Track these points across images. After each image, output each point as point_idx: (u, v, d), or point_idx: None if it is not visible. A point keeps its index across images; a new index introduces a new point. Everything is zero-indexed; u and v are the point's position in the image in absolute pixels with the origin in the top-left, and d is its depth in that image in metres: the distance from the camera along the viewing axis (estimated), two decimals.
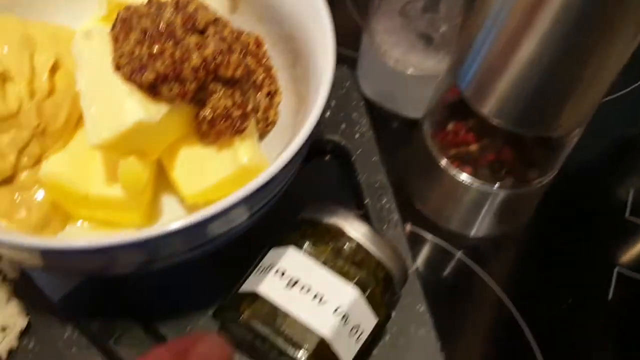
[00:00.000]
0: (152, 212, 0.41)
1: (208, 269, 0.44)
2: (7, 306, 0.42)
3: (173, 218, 0.40)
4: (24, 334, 0.42)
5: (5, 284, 0.43)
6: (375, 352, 0.42)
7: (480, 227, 0.45)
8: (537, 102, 0.33)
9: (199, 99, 0.37)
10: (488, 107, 0.35)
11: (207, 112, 0.37)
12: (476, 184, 0.40)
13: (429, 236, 0.47)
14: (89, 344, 0.41)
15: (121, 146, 0.36)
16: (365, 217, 0.46)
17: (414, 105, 0.49)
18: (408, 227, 0.47)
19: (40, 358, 0.41)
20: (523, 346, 0.43)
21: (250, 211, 0.35)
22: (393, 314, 0.41)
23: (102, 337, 0.40)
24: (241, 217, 0.35)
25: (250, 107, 0.38)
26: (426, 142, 0.41)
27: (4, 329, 0.41)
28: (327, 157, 0.50)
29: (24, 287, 0.43)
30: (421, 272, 0.46)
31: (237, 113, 0.37)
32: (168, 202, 0.42)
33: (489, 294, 0.45)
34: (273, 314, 0.36)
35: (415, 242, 0.47)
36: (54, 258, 0.33)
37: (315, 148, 0.46)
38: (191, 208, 0.40)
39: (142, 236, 0.31)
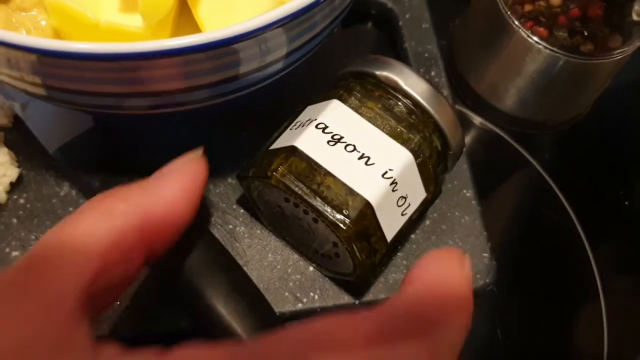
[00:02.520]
0: None
1: (231, 132, 0.38)
2: None
3: None
4: (14, 187, 0.36)
5: None
6: (412, 236, 0.37)
7: (538, 111, 0.40)
8: None
9: None
10: None
11: None
12: (548, 49, 0.35)
13: (477, 120, 0.42)
14: None
15: None
16: None
17: None
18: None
19: (32, 216, 0.36)
20: (572, 237, 0.40)
21: (287, 46, 0.30)
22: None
23: None
24: (277, 50, 0.30)
25: None
26: None
27: None
28: (369, 25, 0.44)
29: (17, 137, 0.38)
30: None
31: None
32: None
33: (538, 184, 0.41)
34: (311, 172, 0.31)
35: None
36: (59, 73, 0.28)
37: (356, 11, 0.40)
38: None
39: (164, 45, 0.26)
